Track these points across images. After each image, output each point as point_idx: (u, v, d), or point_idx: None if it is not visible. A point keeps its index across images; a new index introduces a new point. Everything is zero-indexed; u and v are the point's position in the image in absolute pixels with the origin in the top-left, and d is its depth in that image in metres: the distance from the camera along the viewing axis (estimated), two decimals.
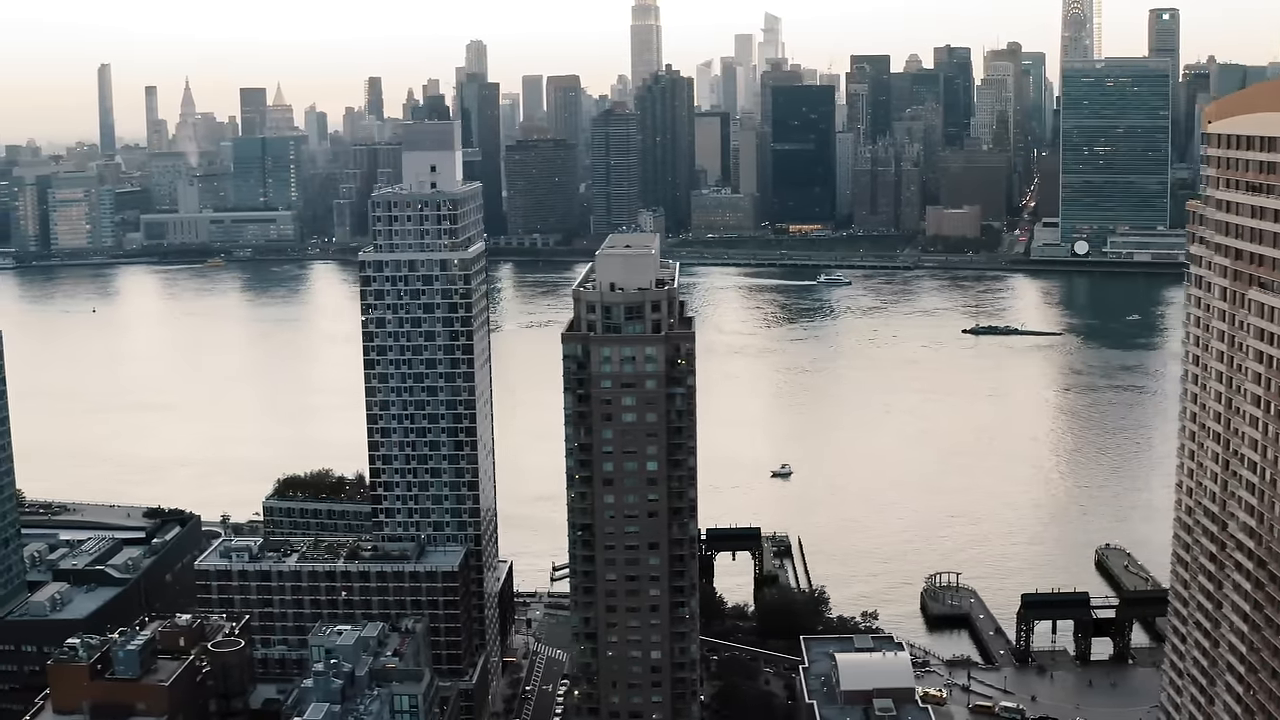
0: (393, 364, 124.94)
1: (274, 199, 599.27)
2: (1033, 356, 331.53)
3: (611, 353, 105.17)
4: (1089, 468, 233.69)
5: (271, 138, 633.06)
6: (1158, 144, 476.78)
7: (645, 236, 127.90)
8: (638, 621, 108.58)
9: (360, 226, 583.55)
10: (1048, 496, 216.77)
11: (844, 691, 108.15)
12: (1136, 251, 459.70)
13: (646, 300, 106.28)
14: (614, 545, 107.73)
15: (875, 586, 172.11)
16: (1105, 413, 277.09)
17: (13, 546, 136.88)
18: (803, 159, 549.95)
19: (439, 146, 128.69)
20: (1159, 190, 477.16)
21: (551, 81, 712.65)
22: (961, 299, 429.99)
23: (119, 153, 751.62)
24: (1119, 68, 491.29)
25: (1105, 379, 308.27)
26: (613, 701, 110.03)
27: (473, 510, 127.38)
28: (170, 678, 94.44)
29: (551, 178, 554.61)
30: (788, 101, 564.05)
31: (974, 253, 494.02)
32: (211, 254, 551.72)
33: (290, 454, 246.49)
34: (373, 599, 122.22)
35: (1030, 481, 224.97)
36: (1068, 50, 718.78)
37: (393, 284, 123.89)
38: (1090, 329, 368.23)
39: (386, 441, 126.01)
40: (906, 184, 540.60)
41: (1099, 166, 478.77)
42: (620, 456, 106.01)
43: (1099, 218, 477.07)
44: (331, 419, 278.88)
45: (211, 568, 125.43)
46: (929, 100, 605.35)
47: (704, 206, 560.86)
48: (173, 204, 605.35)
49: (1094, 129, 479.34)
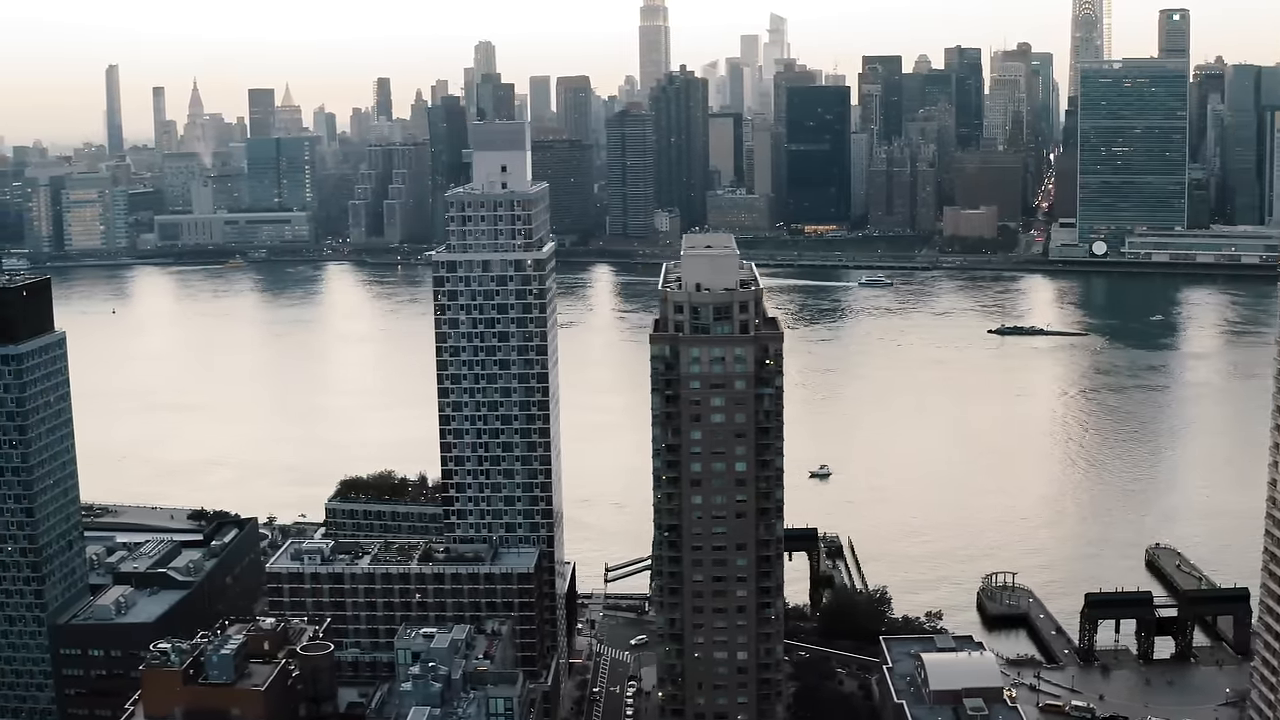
0: (466, 365, 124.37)
1: (288, 200, 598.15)
2: (1059, 356, 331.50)
3: (701, 353, 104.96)
4: (1127, 468, 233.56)
5: (286, 138, 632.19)
6: (1175, 145, 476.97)
7: (722, 236, 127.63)
8: (724, 623, 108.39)
9: (375, 227, 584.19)
10: (1089, 496, 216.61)
11: (933, 691, 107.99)
12: (1155, 252, 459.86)
13: (734, 301, 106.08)
14: (701, 546, 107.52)
15: (929, 587, 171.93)
16: (1136, 413, 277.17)
17: (76, 549, 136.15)
18: (818, 159, 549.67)
19: (510, 146, 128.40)
20: (1176, 191, 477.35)
21: (562, 82, 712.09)
22: (980, 299, 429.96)
23: (128, 153, 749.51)
24: (1136, 68, 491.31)
25: (1132, 379, 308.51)
26: (698, 703, 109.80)
27: (545, 512, 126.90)
28: (265, 682, 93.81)
29: (567, 178, 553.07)
30: (803, 102, 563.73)
31: (991, 253, 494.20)
32: (226, 255, 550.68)
33: (324, 455, 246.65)
34: (447, 601, 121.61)
35: (1070, 481, 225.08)
36: (1079, 51, 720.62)
37: (466, 284, 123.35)
38: (1114, 329, 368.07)
39: (459, 444, 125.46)
40: (922, 184, 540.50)
41: (1116, 167, 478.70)
42: (708, 457, 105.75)
43: (1116, 218, 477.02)
44: (362, 420, 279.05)
45: (283, 570, 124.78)
46: (941, 101, 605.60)
47: (719, 207, 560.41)
48: (186, 205, 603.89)
49: (1111, 129, 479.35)
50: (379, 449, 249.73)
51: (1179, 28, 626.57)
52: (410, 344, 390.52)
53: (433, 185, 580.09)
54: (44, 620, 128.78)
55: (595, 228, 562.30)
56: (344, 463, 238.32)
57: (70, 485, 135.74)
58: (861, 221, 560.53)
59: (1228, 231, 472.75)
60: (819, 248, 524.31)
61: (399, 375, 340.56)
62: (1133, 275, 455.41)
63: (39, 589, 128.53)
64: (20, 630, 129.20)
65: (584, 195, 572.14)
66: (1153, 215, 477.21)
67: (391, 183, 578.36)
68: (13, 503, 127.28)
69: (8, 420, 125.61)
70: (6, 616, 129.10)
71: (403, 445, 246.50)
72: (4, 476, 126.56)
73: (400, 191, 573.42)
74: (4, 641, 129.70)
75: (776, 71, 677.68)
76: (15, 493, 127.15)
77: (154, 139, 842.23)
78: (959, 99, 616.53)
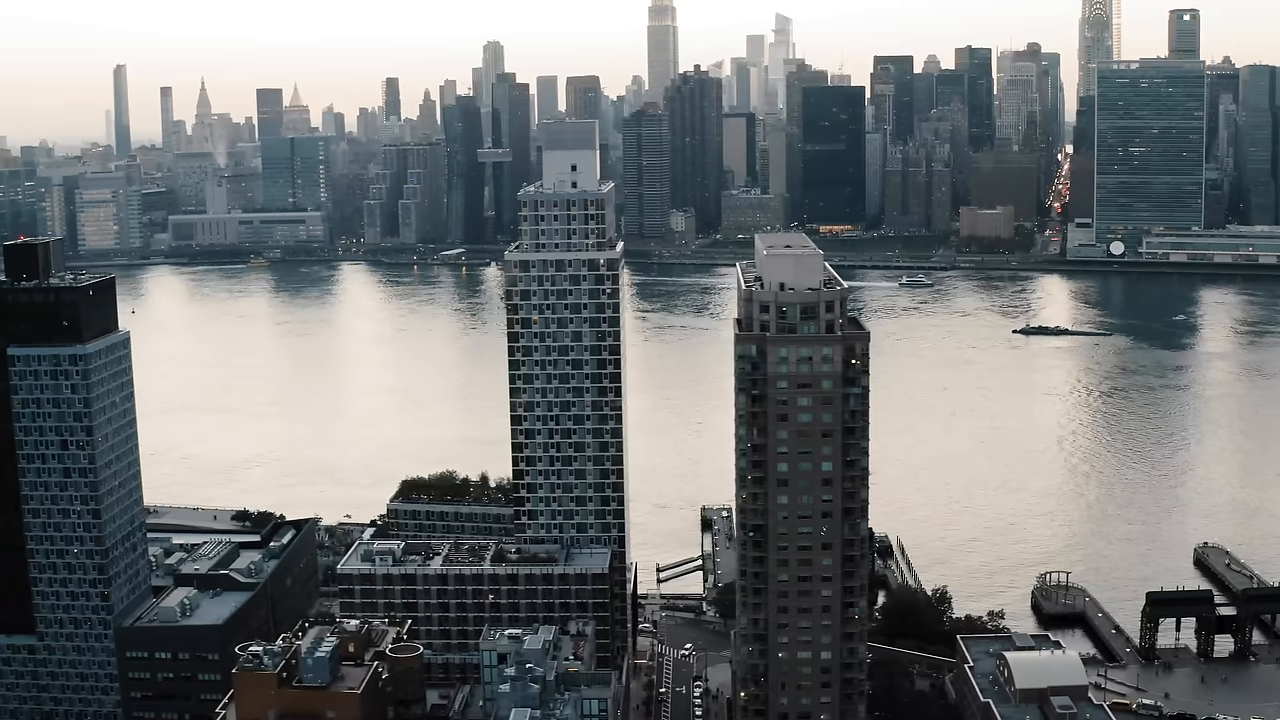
0: (538, 365, 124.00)
1: (302, 200, 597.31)
2: (1085, 356, 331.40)
3: (788, 353, 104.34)
4: (1164, 467, 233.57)
5: (300, 138, 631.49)
6: (1191, 145, 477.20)
7: (797, 236, 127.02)
8: (809, 622, 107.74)
9: (390, 227, 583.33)
10: (1131, 496, 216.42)
11: (1019, 690, 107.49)
12: (1172, 252, 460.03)
13: (821, 300, 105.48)
14: (786, 546, 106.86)
15: (980, 586, 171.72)
16: (1165, 412, 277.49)
17: (140, 551, 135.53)
18: (833, 160, 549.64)
19: (580, 145, 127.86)
20: (1193, 191, 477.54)
21: (571, 82, 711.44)
22: (998, 299, 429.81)
23: (138, 153, 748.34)
24: (1153, 69, 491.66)
25: (1159, 379, 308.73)
26: (781, 703, 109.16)
27: (616, 512, 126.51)
28: (361, 685, 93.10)
29: None
30: (818, 102, 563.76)
31: (1009, 253, 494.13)
32: (241, 254, 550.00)
33: (359, 456, 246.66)
34: (520, 602, 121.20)
35: (1109, 481, 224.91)
36: (1090, 51, 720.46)
37: (539, 284, 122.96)
38: (1136, 329, 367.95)
39: (531, 444, 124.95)
40: (937, 185, 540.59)
41: (1133, 167, 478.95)
42: (795, 457, 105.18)
43: (1132, 218, 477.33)
44: (391, 420, 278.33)
45: (354, 571, 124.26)
46: (954, 101, 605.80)
47: (734, 207, 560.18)
48: (199, 205, 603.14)
49: (1127, 130, 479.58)
50: (413, 448, 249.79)
51: (1189, 28, 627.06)
52: (431, 344, 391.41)
53: (448, 185, 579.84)
54: (110, 623, 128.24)
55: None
56: (381, 463, 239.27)
57: (134, 486, 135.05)
58: (876, 222, 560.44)
59: (1245, 231, 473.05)
60: (835, 248, 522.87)
61: (423, 375, 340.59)
62: (1150, 275, 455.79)
63: (105, 591, 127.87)
64: (86, 633, 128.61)
65: None
66: (1169, 215, 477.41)
67: (406, 183, 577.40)
68: (79, 504, 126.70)
69: (75, 421, 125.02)
70: (73, 619, 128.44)
71: (439, 445, 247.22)
72: (71, 478, 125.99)
73: (415, 191, 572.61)
74: (69, 645, 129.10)
75: (790, 72, 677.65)
76: (82, 494, 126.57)
77: (161, 139, 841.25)
78: (970, 99, 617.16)
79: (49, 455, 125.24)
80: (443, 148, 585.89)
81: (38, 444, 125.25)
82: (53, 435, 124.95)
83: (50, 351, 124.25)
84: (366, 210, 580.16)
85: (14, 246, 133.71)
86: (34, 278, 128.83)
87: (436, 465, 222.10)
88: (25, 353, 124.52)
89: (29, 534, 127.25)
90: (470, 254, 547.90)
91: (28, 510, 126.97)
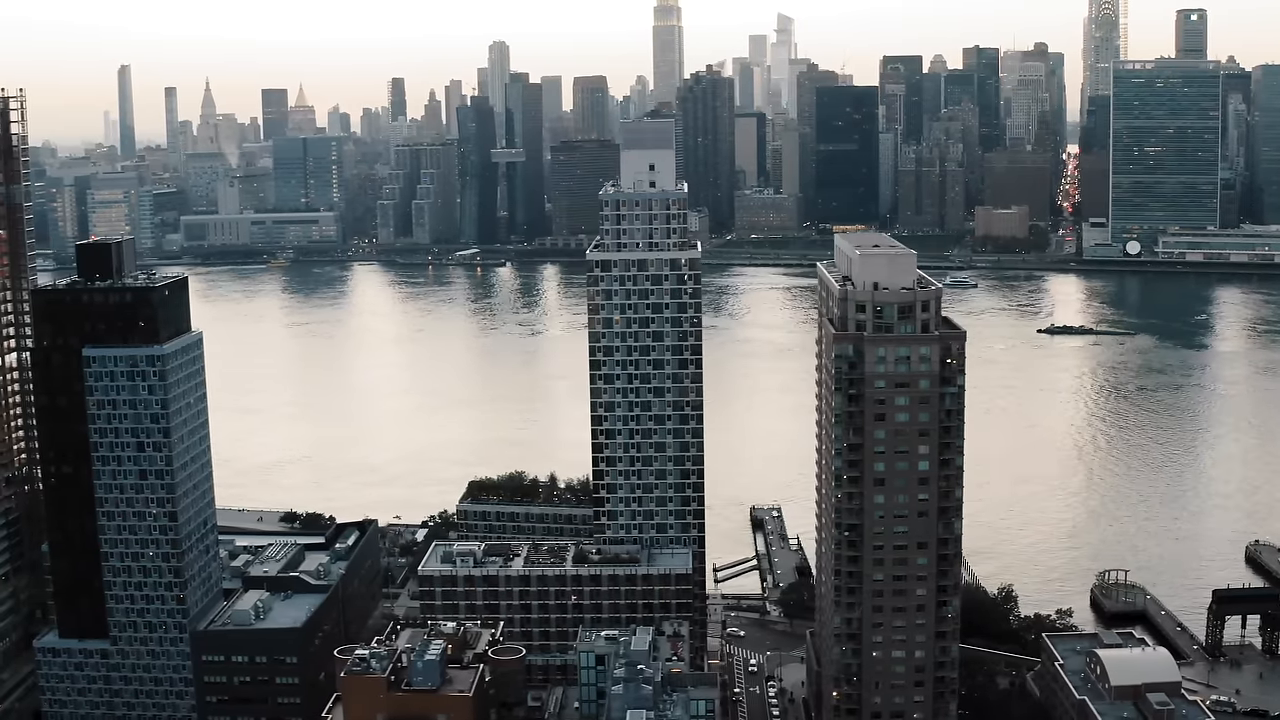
0: (619, 365, 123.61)
1: (314, 200, 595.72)
2: (1111, 356, 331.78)
3: (886, 352, 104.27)
4: (1203, 465, 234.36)
5: (313, 138, 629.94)
6: (1207, 145, 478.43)
7: (881, 236, 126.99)
8: (903, 621, 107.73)
9: (403, 227, 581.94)
10: (1172, 493, 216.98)
11: (1113, 687, 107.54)
12: (1188, 252, 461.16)
13: (917, 300, 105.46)
14: (882, 545, 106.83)
15: (1036, 584, 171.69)
16: (1197, 410, 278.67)
17: (212, 554, 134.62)
18: (846, 159, 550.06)
19: (658, 145, 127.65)
20: (1208, 191, 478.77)
21: (578, 82, 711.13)
22: (1015, 299, 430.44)
23: (147, 153, 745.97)
24: (1168, 69, 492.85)
25: (1186, 378, 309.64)
26: (875, 702, 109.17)
27: (697, 512, 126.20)
28: (471, 687, 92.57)
29: (596, 178, 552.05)
30: (831, 102, 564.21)
31: (1025, 253, 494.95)
32: (253, 254, 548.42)
33: (395, 456, 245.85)
34: (603, 603, 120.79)
35: (1150, 479, 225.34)
36: (1099, 51, 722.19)
37: (620, 284, 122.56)
38: (1158, 329, 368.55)
39: (611, 444, 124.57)
40: (951, 184, 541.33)
41: (1148, 167, 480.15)
42: (892, 456, 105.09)
43: (1147, 218, 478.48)
44: (424, 422, 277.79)
45: (435, 573, 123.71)
46: (964, 101, 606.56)
47: (747, 207, 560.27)
48: (210, 205, 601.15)
49: (1143, 129, 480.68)
50: (446, 449, 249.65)
51: (1197, 28, 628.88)
52: (451, 345, 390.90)
53: (461, 185, 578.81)
54: (185, 627, 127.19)
55: None
56: (416, 463, 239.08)
57: (207, 488, 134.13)
58: (889, 221, 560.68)
59: (1260, 231, 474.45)
60: None
61: (447, 376, 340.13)
62: (1166, 275, 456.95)
63: (181, 595, 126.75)
64: (160, 637, 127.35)
65: None
66: (1183, 215, 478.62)
67: (420, 183, 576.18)
68: (155, 506, 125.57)
69: (152, 423, 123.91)
70: (147, 623, 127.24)
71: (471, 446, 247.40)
72: (147, 480, 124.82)
73: (429, 191, 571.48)
74: (143, 649, 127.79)
75: (800, 72, 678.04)
76: (159, 496, 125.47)
77: (165, 139, 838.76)
78: (979, 99, 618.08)
79: (125, 458, 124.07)
80: (455, 148, 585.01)
81: (113, 446, 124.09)
82: (129, 437, 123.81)
83: (127, 352, 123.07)
84: (380, 210, 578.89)
85: (88, 246, 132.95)
86: (107, 277, 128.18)
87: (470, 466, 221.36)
88: (101, 353, 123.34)
89: (103, 537, 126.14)
90: (484, 254, 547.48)
91: (102, 513, 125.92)
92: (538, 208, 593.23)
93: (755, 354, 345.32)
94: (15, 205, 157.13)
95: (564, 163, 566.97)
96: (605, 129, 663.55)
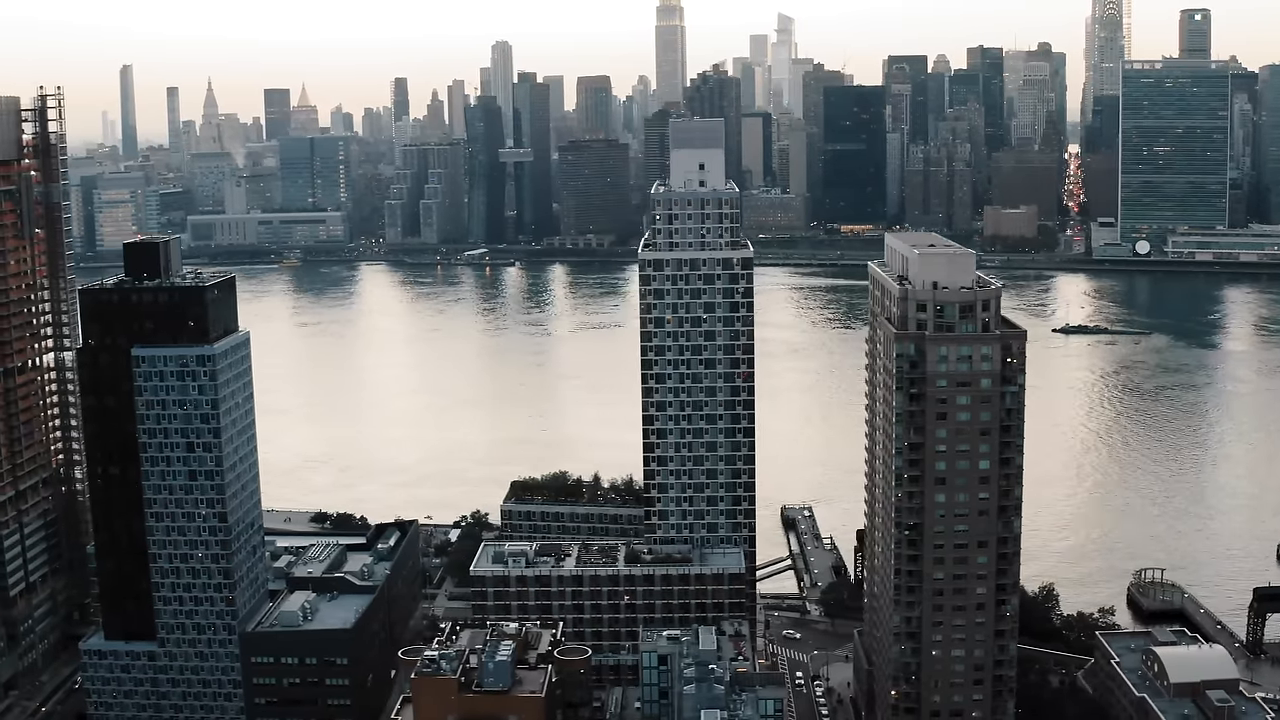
0: (671, 364, 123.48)
1: (321, 200, 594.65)
2: (1127, 355, 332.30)
3: (948, 351, 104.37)
4: (1227, 463, 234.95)
5: (320, 138, 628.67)
6: (1216, 145, 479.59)
7: (933, 236, 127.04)
8: (963, 620, 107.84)
9: (411, 227, 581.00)
10: (1199, 492, 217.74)
11: (1173, 685, 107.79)
12: (1198, 251, 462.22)
13: (978, 299, 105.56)
14: (943, 544, 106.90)
15: (1071, 583, 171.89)
16: (1218, 410, 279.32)
17: (259, 555, 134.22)
18: (854, 159, 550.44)
19: (708, 144, 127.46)
20: (1217, 190, 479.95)
21: (582, 82, 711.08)
22: (1025, 299, 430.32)
23: (151, 153, 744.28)
24: (1177, 69, 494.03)
25: (1205, 377, 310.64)
26: (934, 701, 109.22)
27: (748, 512, 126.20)
28: (542, 688, 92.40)
29: (604, 178, 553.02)
30: (838, 102, 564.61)
31: (1035, 252, 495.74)
32: (260, 254, 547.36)
33: (420, 456, 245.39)
34: (656, 603, 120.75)
35: (1175, 477, 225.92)
36: (1103, 51, 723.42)
37: (673, 283, 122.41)
38: (1171, 328, 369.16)
39: (662, 443, 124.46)
40: (959, 184, 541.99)
41: (1157, 167, 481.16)
42: (953, 455, 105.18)
43: (1156, 218, 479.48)
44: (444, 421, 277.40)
45: (487, 573, 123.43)
46: (970, 100, 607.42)
47: (755, 206, 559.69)
48: (216, 205, 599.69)
49: (1151, 129, 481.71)
50: (468, 449, 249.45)
51: (1200, 28, 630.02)
52: (465, 345, 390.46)
53: (469, 185, 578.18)
54: (234, 628, 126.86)
55: (632, 228, 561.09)
56: (438, 463, 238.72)
57: (254, 489, 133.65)
58: (897, 221, 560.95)
59: (1269, 231, 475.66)
60: (857, 247, 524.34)
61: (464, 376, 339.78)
62: (1175, 274, 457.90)
63: (230, 596, 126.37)
64: (210, 638, 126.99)
65: (620, 195, 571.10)
66: (1192, 215, 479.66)
67: (427, 182, 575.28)
68: (205, 508, 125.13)
69: (202, 423, 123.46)
70: (195, 625, 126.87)
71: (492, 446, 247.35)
72: (197, 480, 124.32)
73: (437, 191, 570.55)
74: (191, 650, 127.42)
75: (805, 71, 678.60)
76: (209, 497, 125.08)
77: (166, 139, 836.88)
78: (984, 99, 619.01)
79: (174, 458, 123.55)
80: (463, 147, 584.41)
81: (162, 446, 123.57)
82: (178, 438, 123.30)
83: (178, 352, 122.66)
84: (387, 210, 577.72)
85: (135, 245, 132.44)
86: (155, 276, 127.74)
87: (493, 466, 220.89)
88: (151, 353, 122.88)
89: (151, 538, 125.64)
90: (493, 254, 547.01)
91: (150, 514, 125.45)
92: (545, 208, 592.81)
93: (769, 354, 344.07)
94: (54, 204, 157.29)
95: (572, 163, 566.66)
96: (609, 129, 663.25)
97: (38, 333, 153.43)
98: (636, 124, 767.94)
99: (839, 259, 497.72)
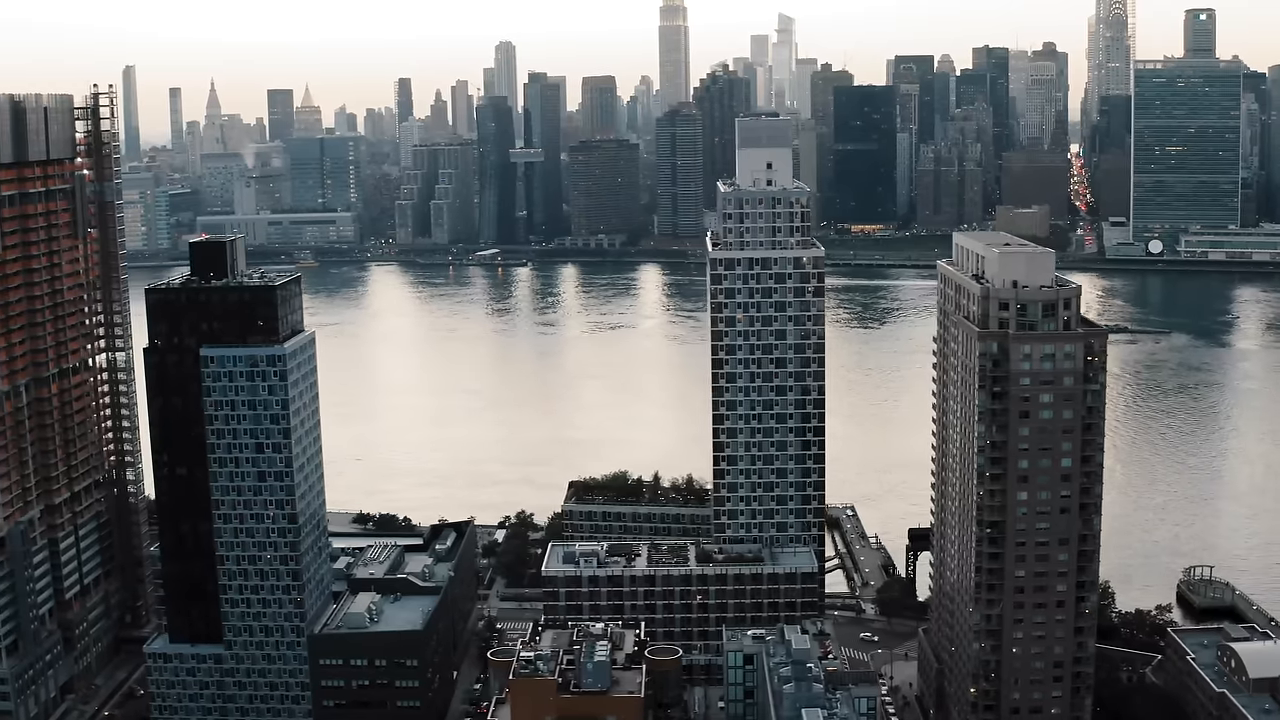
0: (741, 363, 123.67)
1: (331, 200, 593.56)
2: (1148, 354, 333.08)
3: (1031, 350, 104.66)
4: (1259, 461, 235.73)
5: (330, 139, 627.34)
6: (1228, 144, 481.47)
7: (1004, 235, 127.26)
8: (1043, 618, 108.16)
9: (422, 227, 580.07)
10: (1232, 489, 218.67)
11: (1251, 680, 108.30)
12: (1211, 250, 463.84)
13: (1060, 298, 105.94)
14: (1025, 542, 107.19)
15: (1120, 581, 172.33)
16: (1245, 407, 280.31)
17: (324, 557, 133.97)
18: (865, 159, 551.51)
19: (775, 143, 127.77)
20: (1229, 190, 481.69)
21: (587, 82, 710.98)
22: None
23: (156, 154, 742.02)
24: (1189, 69, 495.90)
25: (1223, 375, 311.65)
26: (1014, 698, 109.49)
27: (817, 511, 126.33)
28: (640, 688, 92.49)
29: (614, 178, 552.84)
30: (848, 102, 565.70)
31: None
32: (270, 255, 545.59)
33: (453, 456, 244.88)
34: (728, 602, 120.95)
35: (1208, 474, 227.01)
36: (1109, 51, 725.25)
37: (744, 282, 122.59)
38: (1189, 327, 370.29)
39: (732, 442, 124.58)
40: (970, 184, 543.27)
41: (1169, 166, 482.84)
42: (1036, 454, 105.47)
43: (1168, 217, 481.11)
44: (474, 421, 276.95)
45: (558, 573, 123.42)
46: (978, 100, 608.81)
47: None
48: (225, 205, 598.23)
49: (1164, 129, 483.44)
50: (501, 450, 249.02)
51: (1205, 27, 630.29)
52: (482, 345, 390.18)
53: (480, 185, 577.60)
54: (303, 630, 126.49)
55: (643, 228, 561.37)
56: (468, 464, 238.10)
57: (320, 489, 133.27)
58: (907, 221, 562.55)
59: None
60: (869, 247, 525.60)
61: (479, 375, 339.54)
62: (1188, 274, 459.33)
63: (299, 598, 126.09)
64: (277, 641, 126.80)
65: (631, 195, 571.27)
66: (1203, 214, 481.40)
67: (438, 183, 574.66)
68: (274, 509, 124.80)
69: (272, 424, 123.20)
70: (263, 627, 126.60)
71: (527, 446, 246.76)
72: (266, 482, 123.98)
73: (447, 192, 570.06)
74: (259, 653, 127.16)
75: (813, 71, 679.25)
76: (278, 498, 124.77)
77: (169, 140, 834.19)
78: (991, 98, 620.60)
79: (243, 459, 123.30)
80: (474, 148, 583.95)
81: (231, 447, 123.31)
82: (247, 438, 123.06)
83: (247, 352, 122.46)
84: (398, 211, 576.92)
85: (201, 244, 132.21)
86: (222, 276, 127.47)
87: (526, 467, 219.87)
88: (220, 353, 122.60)
89: (219, 540, 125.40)
90: (504, 254, 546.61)
91: (218, 516, 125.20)
92: (556, 208, 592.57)
93: None
94: (107, 203, 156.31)
95: (582, 163, 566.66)
96: (614, 129, 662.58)
97: (91, 333, 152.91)
98: (641, 124, 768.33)
99: (851, 259, 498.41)
